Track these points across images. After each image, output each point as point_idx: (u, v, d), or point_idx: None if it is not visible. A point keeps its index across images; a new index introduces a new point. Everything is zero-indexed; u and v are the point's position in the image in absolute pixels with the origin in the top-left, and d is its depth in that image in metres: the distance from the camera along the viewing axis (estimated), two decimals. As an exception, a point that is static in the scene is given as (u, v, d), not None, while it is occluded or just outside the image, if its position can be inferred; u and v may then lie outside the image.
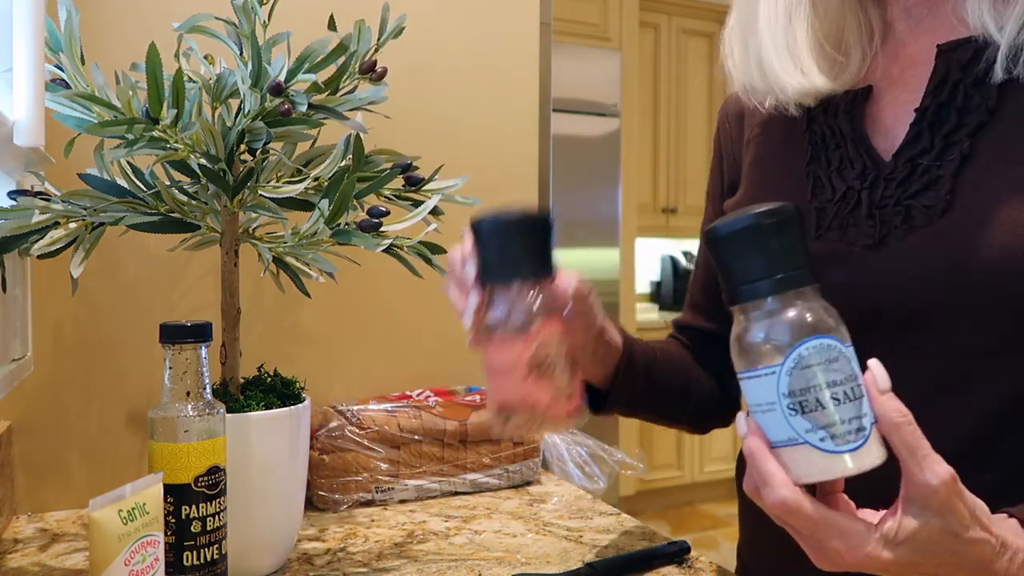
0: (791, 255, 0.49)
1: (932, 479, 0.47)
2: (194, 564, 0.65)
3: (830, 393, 0.48)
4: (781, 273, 0.49)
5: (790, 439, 0.48)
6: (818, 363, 0.48)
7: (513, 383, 0.56)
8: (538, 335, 0.55)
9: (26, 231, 0.70)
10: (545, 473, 1.11)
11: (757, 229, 0.49)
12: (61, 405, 0.93)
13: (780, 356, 0.48)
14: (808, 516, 0.48)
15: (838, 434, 0.47)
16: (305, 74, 0.73)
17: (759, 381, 0.49)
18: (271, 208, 0.76)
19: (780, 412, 0.48)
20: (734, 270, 0.51)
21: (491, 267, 0.58)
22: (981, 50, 0.62)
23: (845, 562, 0.49)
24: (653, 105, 4.15)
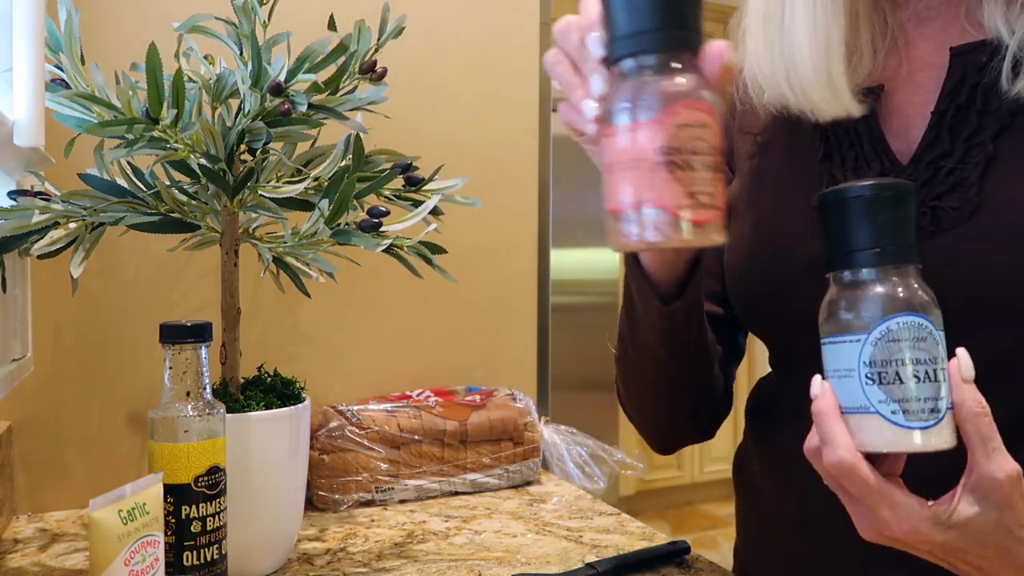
0: (899, 231, 0.50)
1: (998, 472, 0.48)
2: (194, 564, 0.65)
3: (912, 370, 0.48)
4: (885, 247, 0.50)
5: (862, 407, 0.49)
6: (905, 339, 0.49)
7: (640, 177, 0.45)
8: (674, 118, 0.45)
9: (26, 231, 0.70)
10: (545, 473, 1.11)
11: (870, 200, 0.50)
12: (61, 405, 0.93)
13: (870, 325, 0.49)
14: (864, 480, 0.49)
15: (911, 410, 0.48)
16: (305, 74, 0.73)
17: (842, 347, 0.50)
18: (271, 208, 0.76)
19: (857, 380, 0.49)
20: (840, 237, 0.51)
21: (620, 37, 0.46)
22: (995, 53, 0.62)
23: (893, 533, 0.50)
24: (653, 105, 4.14)
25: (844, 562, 0.67)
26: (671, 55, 0.46)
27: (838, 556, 0.68)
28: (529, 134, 1.21)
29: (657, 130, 0.44)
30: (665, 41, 0.46)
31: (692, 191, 0.45)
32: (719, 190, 0.46)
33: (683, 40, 0.46)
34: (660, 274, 0.66)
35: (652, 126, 0.44)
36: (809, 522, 0.70)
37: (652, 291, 0.66)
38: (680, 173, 0.44)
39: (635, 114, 0.45)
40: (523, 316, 1.21)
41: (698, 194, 0.45)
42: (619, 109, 0.46)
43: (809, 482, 0.70)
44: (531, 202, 1.22)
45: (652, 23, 0.46)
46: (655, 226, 0.45)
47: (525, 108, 1.20)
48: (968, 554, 0.50)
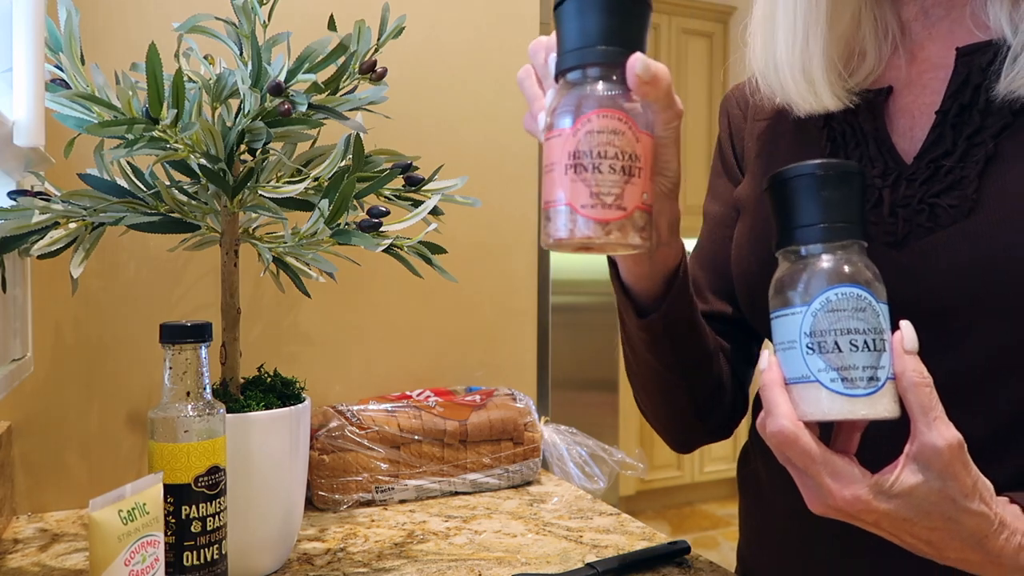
0: (845, 209, 0.51)
1: (939, 440, 0.48)
2: (194, 564, 0.65)
3: (849, 339, 0.49)
4: (830, 223, 0.51)
5: (803, 376, 0.50)
6: (844, 309, 0.50)
7: (552, 180, 0.50)
8: (586, 125, 0.48)
9: (26, 231, 0.70)
10: (545, 473, 1.11)
11: (816, 178, 0.51)
12: (61, 405, 0.93)
13: (809, 297, 0.51)
14: (804, 449, 0.49)
15: (849, 378, 0.49)
16: (305, 74, 0.73)
17: (786, 320, 0.52)
18: (271, 208, 0.76)
19: (799, 350, 0.51)
20: (786, 215, 0.53)
21: (561, 53, 0.51)
22: (1000, 53, 0.62)
23: (836, 503, 0.50)
24: (653, 105, 4.14)
25: (845, 562, 0.67)
26: (593, 69, 0.50)
27: (839, 556, 0.68)
28: (529, 134, 1.21)
29: (569, 136, 0.49)
30: (587, 57, 0.50)
31: (596, 191, 0.48)
32: (630, 192, 0.49)
33: (605, 55, 0.49)
34: (638, 286, 0.66)
35: (567, 133, 0.49)
36: (810, 522, 0.70)
37: (629, 303, 0.67)
38: (585, 175, 0.48)
39: (557, 122, 0.50)
40: (523, 316, 1.21)
41: (602, 195, 0.48)
42: (553, 118, 0.50)
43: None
44: (531, 202, 1.22)
45: (580, 42, 0.50)
46: (562, 223, 0.49)
47: (525, 108, 1.20)
48: (914, 525, 0.50)
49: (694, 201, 4.60)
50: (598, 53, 0.49)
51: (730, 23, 4.37)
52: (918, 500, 0.49)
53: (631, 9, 0.50)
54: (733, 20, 4.36)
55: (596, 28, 0.49)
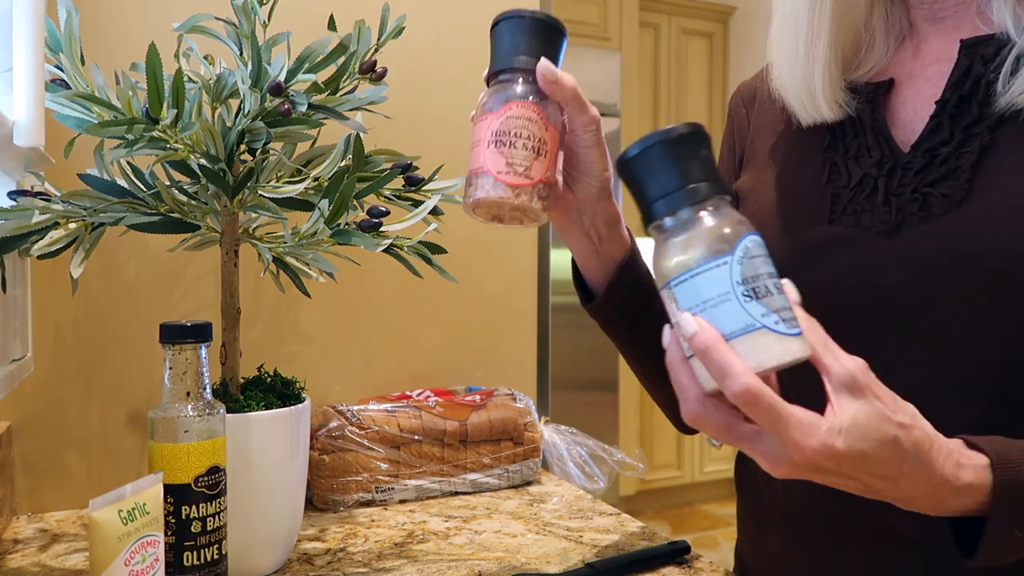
0: (709, 166, 0.52)
1: (849, 365, 0.48)
2: (194, 564, 0.65)
3: (773, 282, 0.49)
4: (709, 180, 0.52)
5: (747, 326, 0.48)
6: (759, 255, 0.50)
7: (477, 152, 0.62)
8: (507, 111, 0.61)
9: (26, 231, 0.70)
10: (545, 473, 1.11)
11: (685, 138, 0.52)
12: (61, 405, 0.93)
13: (728, 247, 0.49)
14: (770, 404, 0.47)
15: (787, 318, 0.49)
16: (305, 74, 0.73)
17: (708, 275, 0.49)
18: (271, 208, 0.76)
19: (736, 300, 0.48)
20: (666, 180, 0.52)
21: (496, 57, 0.64)
22: (1004, 47, 0.63)
23: (803, 455, 0.48)
24: (653, 105, 4.14)
25: (842, 561, 0.67)
26: (515, 73, 0.62)
27: (836, 555, 0.68)
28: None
29: (494, 119, 0.61)
30: (511, 63, 0.62)
31: (510, 162, 0.60)
32: (536, 166, 0.60)
33: (526, 63, 0.62)
34: (592, 278, 0.72)
35: (492, 116, 0.61)
36: (808, 521, 0.70)
37: (579, 291, 0.74)
38: (504, 149, 0.60)
39: (487, 108, 0.62)
40: (523, 316, 1.21)
41: (515, 165, 0.60)
42: (484, 106, 0.63)
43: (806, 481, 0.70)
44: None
45: (508, 53, 0.63)
46: (481, 185, 0.61)
47: (525, 108, 1.20)
48: (870, 460, 0.49)
49: (694, 201, 4.58)
50: (520, 61, 0.62)
51: (730, 23, 4.37)
52: (863, 427, 0.48)
53: (547, 32, 0.63)
54: (733, 20, 4.36)
55: (520, 44, 0.62)
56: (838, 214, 0.68)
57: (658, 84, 4.15)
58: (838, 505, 0.67)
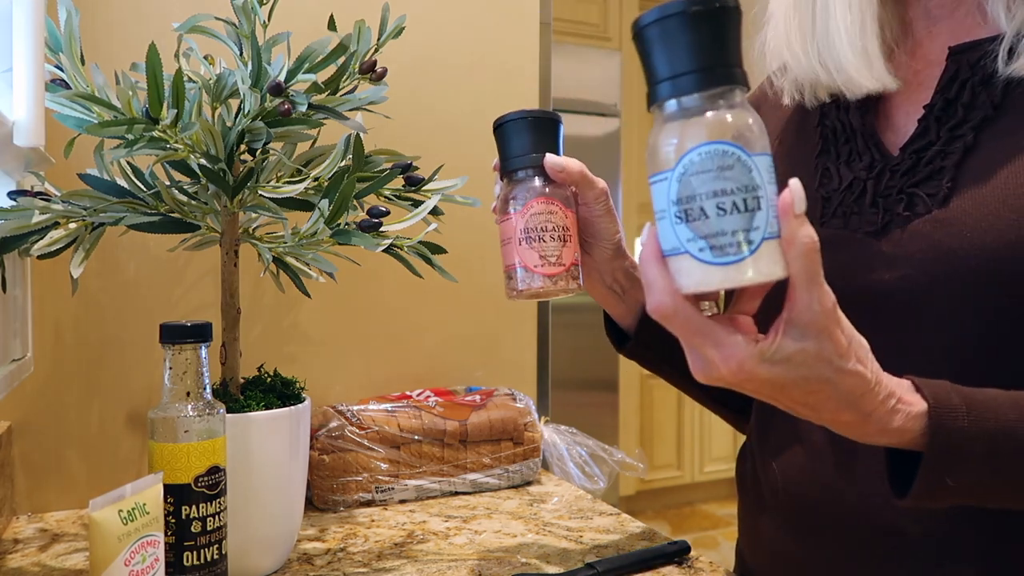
0: (705, 52, 0.46)
1: (816, 305, 0.47)
2: (194, 564, 0.65)
3: (716, 203, 0.45)
4: (687, 71, 0.46)
5: (674, 248, 0.47)
6: (707, 170, 0.45)
7: (510, 249, 0.69)
8: (530, 209, 0.68)
9: (26, 231, 0.70)
10: (545, 473, 1.11)
11: (679, 18, 0.45)
12: (61, 405, 0.93)
13: (672, 161, 0.46)
14: (685, 322, 0.48)
15: (719, 245, 0.45)
16: (305, 74, 0.73)
17: (657, 187, 0.47)
18: (271, 208, 0.76)
19: (669, 220, 0.47)
20: (652, 65, 0.47)
21: (504, 159, 0.71)
22: (992, 50, 0.63)
23: (720, 372, 0.49)
24: (653, 105, 4.14)
25: (842, 560, 0.68)
26: (528, 170, 0.70)
27: (836, 554, 0.68)
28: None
29: (519, 218, 0.69)
30: (525, 162, 0.70)
31: (543, 255, 0.68)
32: (566, 253, 0.69)
33: (534, 160, 0.70)
34: (623, 323, 0.79)
35: (516, 216, 0.69)
36: (808, 519, 0.70)
37: (612, 336, 0.81)
38: (535, 244, 0.68)
39: (509, 208, 0.70)
40: (523, 316, 1.21)
41: (548, 256, 0.68)
42: (506, 205, 0.70)
43: (807, 479, 0.70)
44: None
45: (519, 151, 0.70)
46: (521, 279, 0.69)
47: (525, 107, 1.20)
48: (794, 389, 0.49)
49: (694, 201, 4.59)
50: (530, 159, 0.70)
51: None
52: (796, 365, 0.48)
53: (547, 127, 0.71)
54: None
55: (526, 142, 0.70)
56: (828, 216, 0.69)
57: (658, 84, 4.15)
58: (839, 504, 0.67)
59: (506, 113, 0.71)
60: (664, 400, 3.97)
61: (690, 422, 4.07)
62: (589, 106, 3.42)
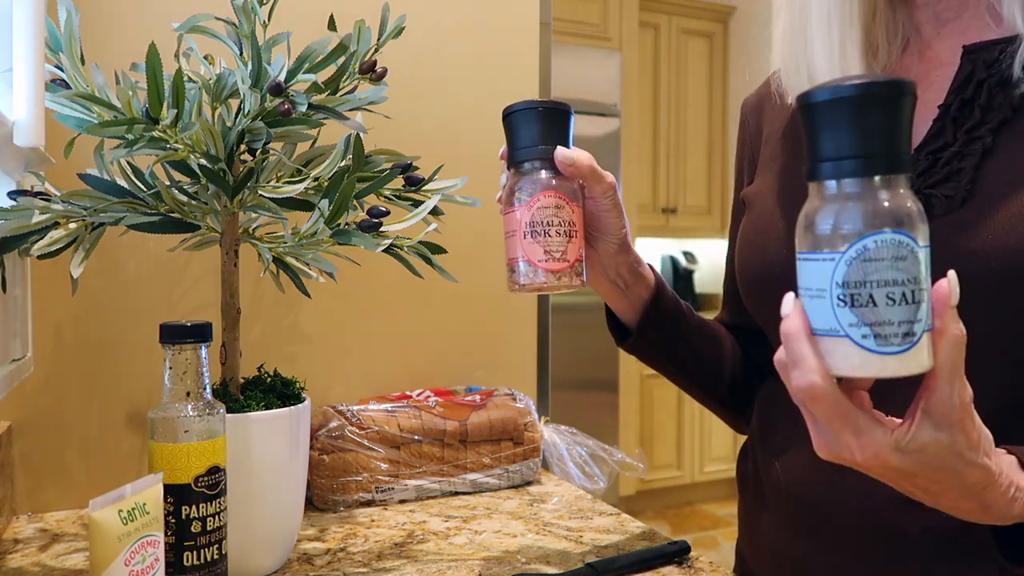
0: (885, 136, 0.45)
1: (955, 398, 0.47)
2: (194, 564, 0.65)
3: (886, 292, 0.45)
4: (869, 154, 0.45)
5: (832, 329, 0.46)
6: (883, 258, 0.45)
7: (515, 242, 0.68)
8: (537, 202, 0.67)
9: (26, 231, 0.70)
10: (545, 473, 1.11)
11: (855, 101, 0.45)
12: (61, 405, 0.93)
13: (845, 243, 0.45)
14: (832, 405, 0.47)
15: (883, 335, 0.45)
16: (305, 74, 0.73)
17: (816, 265, 0.47)
18: (271, 208, 0.76)
19: (829, 300, 0.46)
20: (819, 143, 0.47)
21: (512, 150, 0.70)
22: (1007, 51, 0.63)
23: (854, 458, 0.49)
24: (653, 105, 4.15)
25: (843, 559, 0.68)
26: (536, 161, 0.69)
27: (837, 553, 0.68)
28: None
29: (525, 211, 0.67)
30: (533, 153, 0.69)
31: (547, 249, 0.67)
32: (571, 249, 0.68)
33: (543, 152, 0.69)
34: (625, 317, 0.80)
35: (522, 208, 0.68)
36: (809, 519, 0.70)
37: (613, 333, 0.82)
38: (540, 238, 0.67)
39: (516, 199, 0.68)
40: (523, 316, 1.21)
41: (552, 251, 0.67)
42: (513, 196, 0.69)
43: (808, 479, 0.70)
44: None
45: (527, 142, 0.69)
46: (524, 273, 0.67)
47: (525, 108, 1.20)
48: (918, 478, 0.50)
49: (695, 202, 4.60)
50: (539, 151, 0.68)
51: (730, 23, 4.37)
52: (929, 456, 0.48)
53: (557, 118, 0.69)
54: (733, 20, 4.36)
55: (535, 132, 0.68)
56: None
57: (658, 84, 4.15)
58: (841, 503, 0.67)
59: (516, 102, 0.69)
60: (664, 400, 3.97)
61: (690, 422, 4.07)
62: (589, 106, 3.43)
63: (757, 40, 4.04)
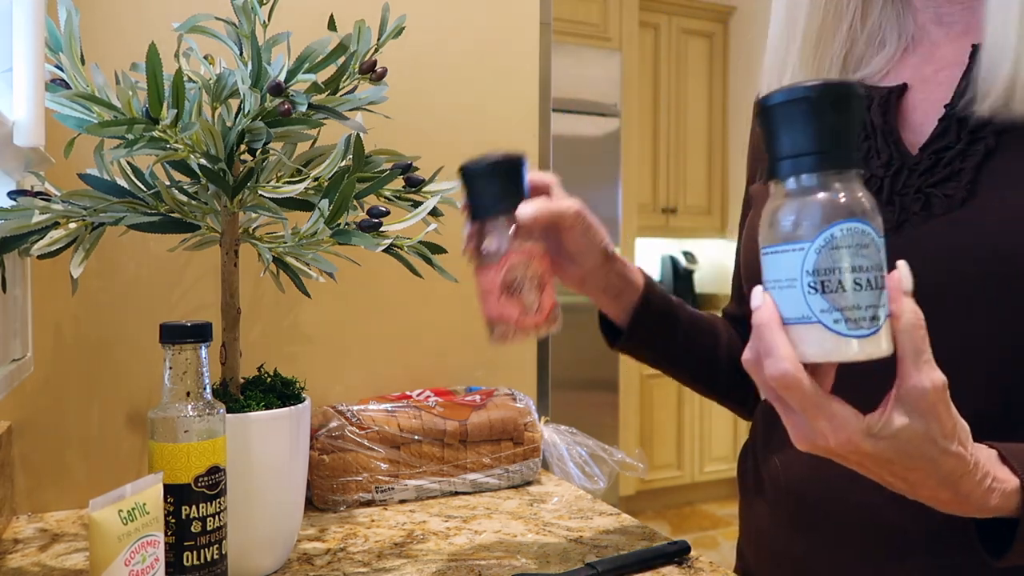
0: (841, 134, 0.49)
1: (927, 382, 0.48)
2: (194, 564, 0.65)
3: (853, 277, 0.48)
4: (826, 151, 0.48)
5: (804, 317, 0.49)
6: (848, 246, 0.48)
7: (492, 302, 0.69)
8: (506, 262, 0.68)
9: (26, 231, 0.70)
10: (545, 473, 1.11)
11: (810, 101, 0.48)
12: (61, 405, 0.93)
13: (812, 233, 0.48)
14: (805, 393, 0.49)
15: (852, 318, 0.48)
16: (305, 74, 0.73)
17: (784, 256, 0.49)
18: (271, 208, 0.76)
19: (799, 289, 0.48)
20: (779, 142, 0.50)
21: (474, 206, 0.70)
22: None
23: (828, 444, 0.50)
24: (653, 105, 4.15)
25: (843, 558, 0.68)
26: (498, 218, 0.68)
27: (838, 552, 0.68)
28: (529, 134, 1.21)
29: (496, 272, 0.68)
30: (491, 211, 0.69)
31: (524, 305, 0.68)
32: (545, 298, 0.69)
33: (504, 209, 0.68)
34: (618, 320, 0.80)
35: (493, 269, 0.68)
36: (810, 518, 0.70)
37: (604, 337, 0.83)
38: (516, 296, 0.68)
39: (486, 260, 0.69)
40: (523, 316, 1.21)
41: (529, 307, 0.68)
42: (477, 254, 0.70)
43: (809, 477, 0.70)
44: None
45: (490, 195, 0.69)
46: (502, 331, 0.69)
47: (525, 108, 1.20)
48: (894, 465, 0.50)
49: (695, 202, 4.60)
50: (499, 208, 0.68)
51: (730, 23, 4.37)
52: (902, 442, 0.49)
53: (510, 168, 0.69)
54: (733, 20, 4.36)
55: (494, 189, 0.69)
56: None
57: (658, 84, 4.15)
58: (841, 501, 0.67)
59: (471, 160, 0.70)
60: (664, 400, 3.97)
61: (690, 422, 4.07)
62: (589, 106, 3.42)
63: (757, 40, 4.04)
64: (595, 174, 3.42)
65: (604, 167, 3.43)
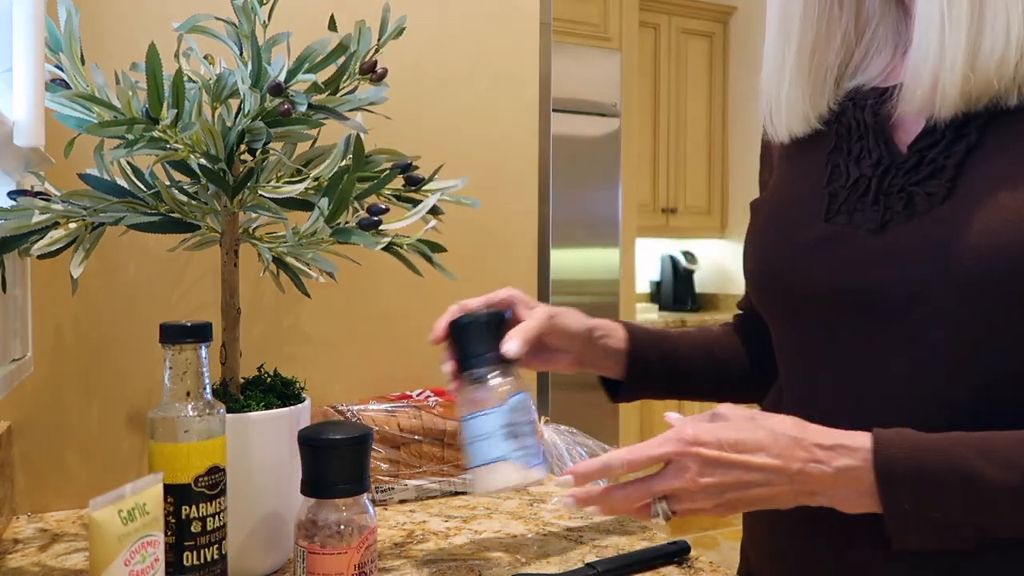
0: (494, 344, 0.74)
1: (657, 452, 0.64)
2: (194, 564, 0.65)
3: (526, 428, 0.72)
4: (497, 351, 0.73)
5: (501, 456, 0.71)
6: (520, 408, 0.72)
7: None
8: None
9: (26, 231, 0.70)
10: (545, 473, 1.11)
11: (481, 324, 0.74)
12: (61, 405, 0.93)
13: (500, 402, 0.71)
14: (587, 464, 0.66)
15: (529, 454, 0.71)
16: (305, 74, 0.73)
17: (481, 419, 0.71)
18: (271, 208, 0.76)
19: (497, 439, 0.71)
20: (470, 348, 0.74)
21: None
22: None
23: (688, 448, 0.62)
24: (653, 105, 4.14)
25: (844, 558, 0.68)
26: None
27: (837, 553, 0.68)
28: (529, 134, 1.21)
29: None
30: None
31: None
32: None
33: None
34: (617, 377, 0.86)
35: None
36: (810, 518, 0.70)
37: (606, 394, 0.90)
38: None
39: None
40: (523, 316, 1.21)
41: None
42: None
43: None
44: (531, 202, 1.22)
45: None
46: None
47: (525, 108, 1.20)
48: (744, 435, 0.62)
49: (695, 202, 4.59)
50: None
51: (730, 23, 4.37)
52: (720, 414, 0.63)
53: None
54: (733, 20, 4.36)
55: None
56: (834, 212, 0.69)
57: (658, 84, 4.15)
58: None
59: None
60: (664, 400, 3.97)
61: (690, 422, 4.07)
62: (589, 106, 3.42)
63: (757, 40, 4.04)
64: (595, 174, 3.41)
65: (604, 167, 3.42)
